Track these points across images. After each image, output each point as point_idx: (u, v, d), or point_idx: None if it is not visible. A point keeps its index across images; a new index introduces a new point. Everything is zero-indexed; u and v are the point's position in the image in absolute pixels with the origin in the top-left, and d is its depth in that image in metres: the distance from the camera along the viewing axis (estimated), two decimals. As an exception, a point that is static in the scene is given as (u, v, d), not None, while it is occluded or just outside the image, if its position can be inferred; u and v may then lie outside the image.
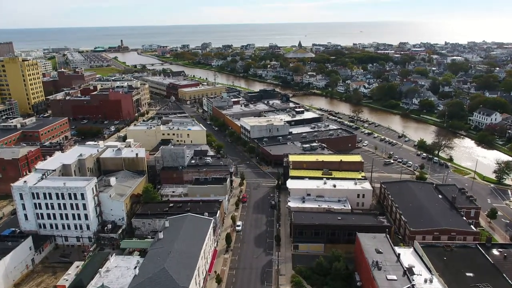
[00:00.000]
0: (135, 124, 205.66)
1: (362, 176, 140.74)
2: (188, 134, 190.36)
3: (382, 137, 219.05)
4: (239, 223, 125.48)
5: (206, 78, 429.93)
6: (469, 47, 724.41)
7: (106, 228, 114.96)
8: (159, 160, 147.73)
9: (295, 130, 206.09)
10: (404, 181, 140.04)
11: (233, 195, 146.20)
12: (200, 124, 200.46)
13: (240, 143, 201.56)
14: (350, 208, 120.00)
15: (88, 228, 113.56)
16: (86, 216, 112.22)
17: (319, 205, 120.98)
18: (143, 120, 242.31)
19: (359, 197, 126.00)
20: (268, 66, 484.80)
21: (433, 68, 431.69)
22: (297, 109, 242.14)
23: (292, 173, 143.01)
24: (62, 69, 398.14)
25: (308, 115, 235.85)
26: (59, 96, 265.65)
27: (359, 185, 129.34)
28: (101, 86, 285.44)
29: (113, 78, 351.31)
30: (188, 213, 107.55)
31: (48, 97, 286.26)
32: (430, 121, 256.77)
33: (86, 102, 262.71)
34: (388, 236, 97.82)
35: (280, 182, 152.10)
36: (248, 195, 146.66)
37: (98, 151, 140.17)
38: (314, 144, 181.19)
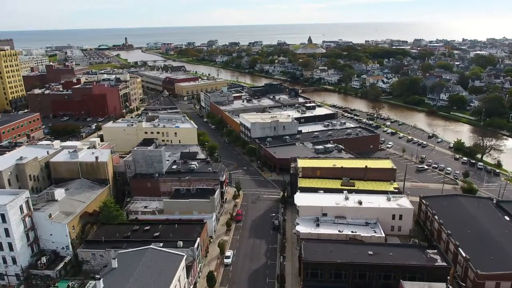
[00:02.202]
0: (113, 121, 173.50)
1: (394, 188, 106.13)
2: (175, 133, 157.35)
3: (409, 137, 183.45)
4: (229, 252, 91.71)
5: (209, 74, 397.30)
6: (489, 43, 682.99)
7: (39, 262, 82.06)
8: (131, 165, 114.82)
9: (305, 129, 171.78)
10: (453, 196, 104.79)
11: (224, 212, 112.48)
12: (191, 121, 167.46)
13: (239, 144, 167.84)
14: (383, 235, 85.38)
15: (14, 261, 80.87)
16: (10, 246, 79.55)
17: (339, 231, 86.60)
18: (131, 117, 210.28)
19: (395, 219, 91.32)
20: (276, 61, 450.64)
21: (457, 63, 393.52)
22: (307, 104, 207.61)
23: (302, 183, 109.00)
24: (51, 63, 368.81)
25: (320, 111, 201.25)
26: (37, 90, 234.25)
27: (393, 201, 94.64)
28: (86, 79, 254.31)
29: (102, 71, 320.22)
30: (150, 246, 74.10)
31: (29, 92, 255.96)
32: (463, 119, 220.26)
33: (67, 96, 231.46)
34: (449, 286, 63.31)
35: (286, 194, 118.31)
36: (244, 212, 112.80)
37: (48, 153, 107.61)
38: (329, 145, 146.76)
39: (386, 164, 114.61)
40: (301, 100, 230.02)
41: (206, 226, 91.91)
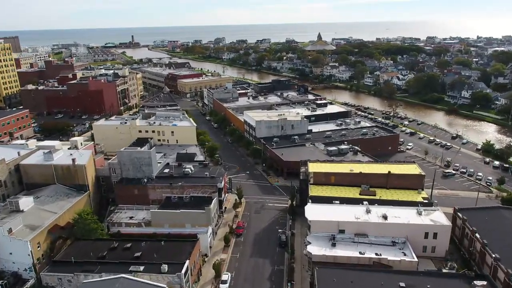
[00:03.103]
0: (106, 119, 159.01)
1: (423, 198, 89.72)
2: (172, 132, 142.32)
3: (431, 138, 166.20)
4: (225, 275, 76.13)
5: (214, 71, 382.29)
6: (506, 40, 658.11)
7: (-7, 288, 67.48)
8: (116, 169, 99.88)
9: (316, 128, 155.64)
10: (495, 209, 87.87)
11: (223, 223, 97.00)
12: (190, 119, 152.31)
13: (243, 144, 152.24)
14: (415, 259, 69.10)
15: (-37, 287, 66.39)
16: (-43, 269, 65.10)
17: (361, 253, 70.56)
18: (129, 115, 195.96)
19: (428, 238, 74.96)
20: (284, 58, 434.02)
21: (475, 60, 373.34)
22: (318, 102, 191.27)
23: (314, 191, 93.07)
24: (50, 59, 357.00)
25: (332, 108, 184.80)
26: (31, 86, 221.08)
27: (425, 215, 78.22)
28: (83, 74, 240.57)
29: (101, 67, 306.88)
30: (122, 275, 58.97)
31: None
32: (488, 118, 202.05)
33: (62, 92, 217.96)
34: None
35: (295, 202, 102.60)
36: (246, 223, 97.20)
37: (19, 155, 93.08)
38: (343, 146, 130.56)
39: (412, 169, 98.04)
40: (311, 97, 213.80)
41: (198, 244, 76.43)
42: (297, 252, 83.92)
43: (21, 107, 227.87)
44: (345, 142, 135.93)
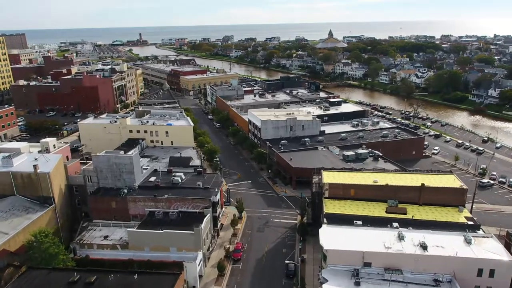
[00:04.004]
0: (95, 117, 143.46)
1: (467, 219, 71.75)
2: (167, 132, 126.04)
3: (459, 141, 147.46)
4: (217, 319, 59.31)
5: (220, 68, 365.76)
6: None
7: None
8: (92, 177, 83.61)
9: (330, 129, 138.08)
10: (561, 234, 69.40)
11: (218, 245, 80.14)
12: (188, 118, 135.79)
13: (247, 147, 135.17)
14: (468, 307, 51.40)
15: None
16: None
17: (394, 297, 53.05)
18: (125, 113, 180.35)
19: (482, 275, 57.07)
20: (294, 55, 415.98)
21: (497, 57, 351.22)
22: (331, 100, 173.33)
23: (330, 206, 75.68)
24: (49, 54, 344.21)
25: (347, 107, 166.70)
26: (23, 81, 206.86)
27: (476, 244, 60.32)
28: (78, 70, 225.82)
29: (100, 62, 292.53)
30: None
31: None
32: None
33: (54, 89, 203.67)
34: None
35: (305, 218, 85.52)
36: (247, 244, 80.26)
37: (-27, 159, 77.29)
38: (362, 151, 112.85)
39: (451, 181, 79.95)
40: (322, 95, 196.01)
41: (182, 278, 59.59)
42: (308, 285, 66.72)
43: (13, 104, 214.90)
44: (364, 146, 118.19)
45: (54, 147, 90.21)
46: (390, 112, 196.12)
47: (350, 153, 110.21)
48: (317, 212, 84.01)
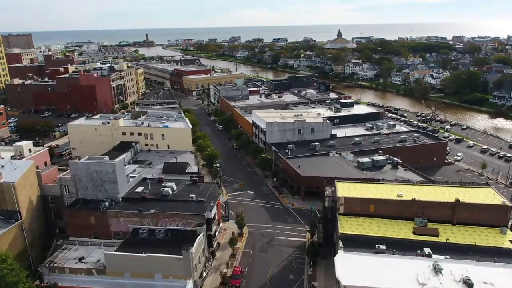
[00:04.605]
0: (86, 117, 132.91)
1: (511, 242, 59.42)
2: (163, 134, 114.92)
3: (484, 147, 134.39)
4: None
5: (225, 68, 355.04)
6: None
7: None
8: (69, 187, 72.54)
9: (342, 132, 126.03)
10: None
11: (214, 268, 68.47)
12: (187, 120, 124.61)
13: (250, 151, 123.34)
14: None
15: None
16: None
17: None
18: (121, 114, 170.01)
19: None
20: (302, 55, 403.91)
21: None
22: (342, 101, 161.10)
23: (346, 225, 63.71)
24: (50, 53, 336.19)
25: (359, 109, 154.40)
26: (18, 80, 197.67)
27: (534, 281, 47.93)
28: (76, 68, 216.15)
29: (100, 61, 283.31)
30: None
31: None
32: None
33: (50, 88, 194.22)
34: None
35: (316, 237, 73.63)
36: (247, 268, 68.49)
37: None
38: (379, 157, 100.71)
39: (490, 196, 67.41)
40: (333, 95, 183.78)
41: (164, 318, 48.08)
42: (320, 323, 54.89)
43: (8, 104, 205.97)
44: (380, 152, 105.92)
45: (30, 152, 79.40)
46: (405, 115, 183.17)
47: (366, 160, 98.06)
48: (329, 230, 72.09)
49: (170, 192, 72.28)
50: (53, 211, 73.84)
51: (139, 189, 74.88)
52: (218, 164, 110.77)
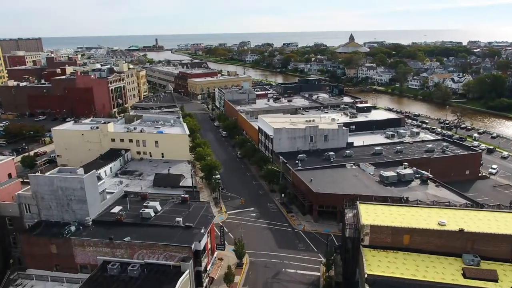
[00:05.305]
0: (75, 122, 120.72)
1: None
2: (156, 141, 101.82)
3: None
4: None
5: (230, 71, 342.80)
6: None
7: None
8: (30, 206, 59.29)
9: (359, 140, 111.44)
10: None
11: (204, 314, 54.32)
12: (184, 125, 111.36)
13: (255, 161, 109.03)
14: None
15: None
16: None
17: None
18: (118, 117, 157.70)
19: None
20: (313, 59, 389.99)
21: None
22: (359, 105, 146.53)
23: (373, 264, 49.12)
24: (52, 55, 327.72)
25: (378, 114, 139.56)
26: (12, 81, 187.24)
27: None
28: (74, 69, 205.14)
29: (101, 62, 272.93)
30: None
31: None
32: None
33: (46, 90, 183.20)
34: None
35: (333, 272, 59.01)
36: (246, 314, 54.32)
37: None
38: (405, 171, 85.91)
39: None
40: (347, 99, 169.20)
41: None
42: None
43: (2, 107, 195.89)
44: (406, 164, 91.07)
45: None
46: (426, 121, 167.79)
47: (391, 173, 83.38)
48: (350, 264, 57.50)
49: (152, 215, 58.52)
50: (11, 235, 60.68)
51: (116, 208, 61.27)
52: (218, 176, 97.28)
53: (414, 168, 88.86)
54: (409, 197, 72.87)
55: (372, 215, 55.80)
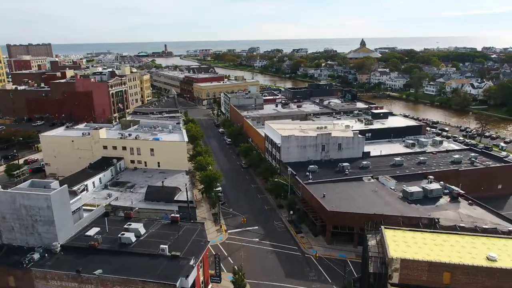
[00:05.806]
0: (67, 127, 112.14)
1: None
2: (152, 149, 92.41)
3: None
4: None
5: (238, 76, 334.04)
6: None
7: None
8: (-10, 226, 49.90)
9: (376, 150, 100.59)
10: None
11: None
12: (183, 131, 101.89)
13: (261, 172, 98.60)
14: None
15: None
16: None
17: None
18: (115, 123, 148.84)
19: None
20: (323, 64, 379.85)
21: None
22: (374, 111, 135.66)
23: (404, 309, 38.30)
24: (57, 59, 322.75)
25: (396, 121, 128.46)
26: (10, 85, 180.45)
27: None
28: (75, 73, 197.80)
29: (104, 67, 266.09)
30: None
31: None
32: None
33: (44, 94, 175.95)
34: None
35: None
36: None
37: None
38: (433, 185, 74.84)
39: None
40: (360, 105, 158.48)
41: None
42: None
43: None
44: (431, 177, 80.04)
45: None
46: (447, 129, 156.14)
47: (416, 189, 72.40)
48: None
49: (133, 240, 48.55)
50: (-32, 261, 51.21)
51: (93, 231, 51.51)
52: (219, 188, 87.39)
53: (442, 182, 77.80)
54: (439, 218, 62.10)
55: (401, 244, 45.19)
